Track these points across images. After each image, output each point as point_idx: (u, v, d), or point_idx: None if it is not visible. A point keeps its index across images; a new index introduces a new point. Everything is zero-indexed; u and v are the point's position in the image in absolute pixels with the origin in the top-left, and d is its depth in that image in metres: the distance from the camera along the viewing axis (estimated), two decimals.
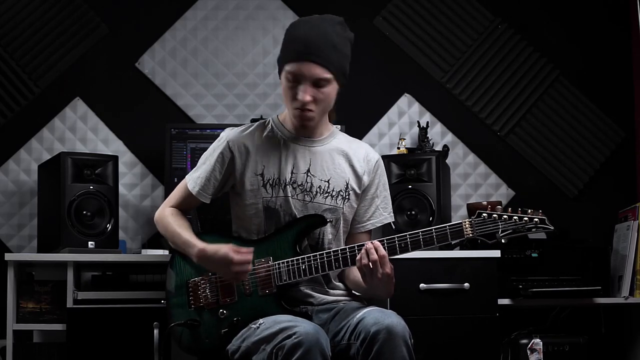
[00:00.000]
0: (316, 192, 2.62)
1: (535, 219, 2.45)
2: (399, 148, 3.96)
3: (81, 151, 3.94)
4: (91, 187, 3.53)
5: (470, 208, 3.88)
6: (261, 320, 2.44)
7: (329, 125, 2.71)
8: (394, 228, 3.38)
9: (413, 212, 3.64)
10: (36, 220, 3.81)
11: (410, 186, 3.66)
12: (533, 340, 3.58)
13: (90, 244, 3.49)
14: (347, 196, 2.65)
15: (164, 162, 3.79)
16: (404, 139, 3.98)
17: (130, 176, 4.02)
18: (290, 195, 2.61)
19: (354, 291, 2.72)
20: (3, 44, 4.02)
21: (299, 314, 2.51)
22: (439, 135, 4.16)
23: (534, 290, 3.59)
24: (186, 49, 4.13)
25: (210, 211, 2.81)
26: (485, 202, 3.83)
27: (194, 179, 2.69)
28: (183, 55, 4.12)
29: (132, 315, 3.34)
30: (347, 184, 2.65)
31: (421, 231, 2.48)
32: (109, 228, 3.55)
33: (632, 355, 3.90)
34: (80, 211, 3.49)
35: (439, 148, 4.05)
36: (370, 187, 2.70)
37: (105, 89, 4.08)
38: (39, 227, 3.74)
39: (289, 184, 2.61)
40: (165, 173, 3.80)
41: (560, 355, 3.58)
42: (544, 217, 2.46)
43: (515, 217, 2.45)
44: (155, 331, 3.15)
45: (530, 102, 4.21)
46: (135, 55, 4.10)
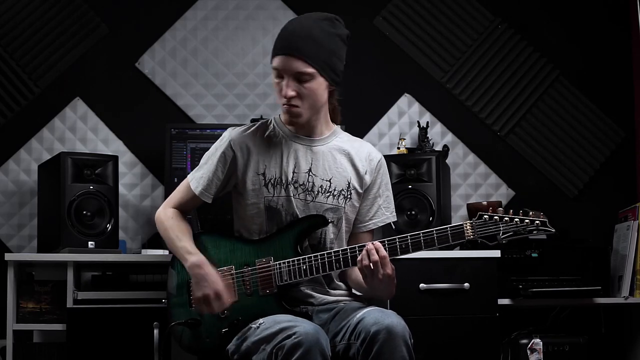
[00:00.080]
0: (318, 192, 2.62)
1: (537, 221, 2.44)
2: (399, 148, 3.96)
3: (81, 151, 3.94)
4: (91, 187, 3.52)
5: (470, 208, 3.88)
6: (261, 320, 2.44)
7: (331, 125, 2.70)
8: (394, 228, 3.39)
9: (413, 212, 3.64)
10: (36, 220, 3.81)
11: (410, 186, 3.66)
12: (533, 340, 3.58)
13: (90, 244, 3.49)
14: (349, 195, 2.64)
15: (164, 162, 3.79)
16: (404, 139, 3.98)
17: (130, 176, 4.02)
18: (292, 194, 2.60)
19: (356, 291, 2.72)
20: (3, 44, 4.02)
21: (299, 314, 2.51)
22: (439, 135, 4.16)
23: (534, 290, 3.59)
24: (186, 49, 4.12)
25: (211, 211, 2.81)
26: (485, 202, 3.83)
27: (196, 179, 2.68)
28: (183, 55, 4.12)
29: (132, 315, 3.34)
30: (349, 183, 2.65)
31: (422, 232, 2.48)
32: (109, 228, 3.54)
33: (632, 355, 3.90)
34: (80, 211, 3.49)
35: (439, 148, 4.05)
36: (373, 187, 2.70)
37: (105, 89, 4.08)
38: (39, 227, 3.73)
39: (291, 184, 2.61)
40: (165, 173, 3.80)
41: (560, 355, 3.58)
42: (545, 220, 2.45)
43: (516, 219, 2.44)
44: (155, 331, 3.15)
45: (530, 102, 4.21)
46: (135, 55, 4.10)
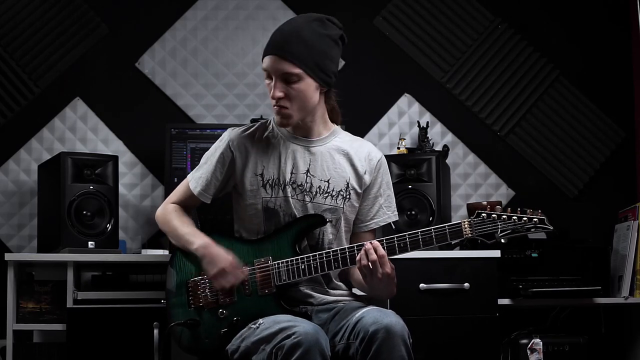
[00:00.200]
0: (316, 192, 2.62)
1: (535, 219, 2.44)
2: (399, 148, 3.95)
3: (81, 151, 3.94)
4: (91, 187, 3.53)
5: (470, 208, 3.88)
6: (260, 320, 2.44)
7: (330, 125, 2.70)
8: (394, 228, 3.38)
9: (413, 212, 3.64)
10: (36, 220, 3.81)
11: (410, 186, 3.66)
12: (533, 340, 3.58)
13: (90, 244, 3.49)
14: (348, 196, 2.64)
15: (164, 162, 3.79)
16: (404, 139, 3.98)
17: (130, 176, 4.02)
18: (290, 195, 2.60)
19: (357, 290, 2.72)
20: (3, 44, 4.02)
21: (299, 314, 2.51)
22: (439, 135, 4.16)
23: (534, 290, 3.59)
24: (186, 49, 4.13)
25: (210, 211, 2.81)
26: (485, 202, 3.83)
27: (195, 179, 2.69)
28: (183, 55, 4.12)
29: (132, 315, 3.34)
30: (348, 184, 2.64)
31: (420, 231, 2.48)
32: (109, 228, 3.55)
33: (632, 355, 3.89)
34: (80, 211, 3.49)
35: (439, 148, 4.05)
36: (373, 186, 2.69)
37: (105, 89, 4.08)
38: (39, 227, 3.73)
39: (289, 185, 2.61)
40: (165, 173, 3.80)
41: (560, 355, 3.58)
42: (544, 217, 2.45)
43: (514, 217, 2.45)
44: (155, 331, 3.15)
45: (530, 102, 4.21)
46: (135, 55, 4.10)
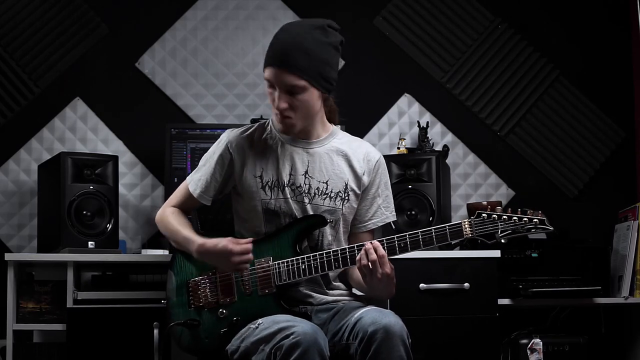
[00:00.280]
0: (314, 194, 2.61)
1: (535, 220, 2.44)
2: (399, 148, 3.95)
3: (81, 151, 3.94)
4: (91, 187, 3.53)
5: (470, 208, 3.88)
6: (260, 321, 2.44)
7: (328, 126, 2.69)
8: (394, 228, 3.38)
9: (413, 212, 3.64)
10: (36, 220, 3.81)
11: (410, 186, 3.66)
12: (533, 340, 3.58)
13: (90, 244, 3.49)
14: (347, 197, 2.64)
15: (164, 162, 3.79)
16: (404, 139, 3.97)
17: (130, 176, 4.02)
18: (289, 197, 2.60)
19: (357, 291, 2.72)
20: (3, 44, 4.02)
21: (299, 314, 2.51)
22: (439, 135, 4.16)
23: (534, 290, 3.59)
24: (186, 49, 4.12)
25: (210, 211, 2.81)
26: (485, 202, 3.83)
27: (195, 181, 2.69)
28: (183, 55, 4.12)
29: (132, 315, 3.34)
30: (346, 185, 2.64)
31: (420, 231, 2.48)
32: (109, 228, 3.55)
33: (632, 355, 3.89)
34: (80, 211, 3.49)
35: (439, 148, 4.05)
36: (371, 187, 2.69)
37: (105, 89, 4.08)
38: (39, 227, 3.73)
39: (288, 186, 2.60)
40: (165, 173, 3.80)
41: (560, 355, 3.58)
42: (544, 218, 2.45)
43: (514, 218, 2.45)
44: (155, 331, 3.15)
45: (530, 102, 4.21)
46: (135, 55, 4.10)
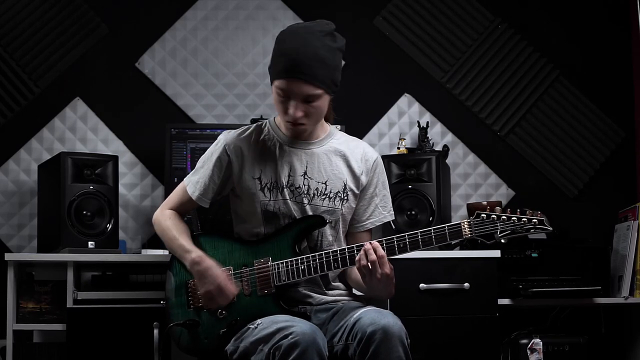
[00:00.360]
0: (314, 195, 2.61)
1: (534, 220, 2.44)
2: (399, 148, 3.95)
3: (81, 151, 3.95)
4: (91, 187, 3.53)
5: (470, 208, 3.88)
6: (259, 321, 2.44)
7: (326, 126, 2.69)
8: (394, 228, 3.39)
9: (413, 212, 3.64)
10: (36, 220, 3.81)
11: (410, 186, 3.66)
12: (533, 340, 3.58)
13: (90, 244, 3.49)
14: (346, 197, 2.64)
15: (164, 162, 3.79)
16: (404, 139, 3.97)
17: (130, 176, 4.02)
18: (288, 198, 2.60)
19: (356, 291, 2.71)
20: (3, 44, 4.02)
21: (298, 314, 2.51)
22: (439, 135, 4.15)
23: (534, 290, 3.59)
24: (186, 49, 4.13)
25: (210, 211, 2.81)
26: (485, 202, 3.83)
27: (193, 183, 2.68)
28: (183, 55, 4.12)
29: (132, 315, 3.34)
30: (345, 185, 2.64)
31: (420, 231, 2.48)
32: (109, 228, 3.55)
33: (632, 355, 3.89)
34: (80, 211, 3.49)
35: (439, 148, 4.05)
36: (369, 187, 2.69)
37: (105, 89, 4.08)
38: (39, 227, 3.74)
39: (287, 187, 2.60)
40: (165, 173, 3.80)
41: (560, 355, 3.58)
42: (543, 218, 2.45)
43: (514, 218, 2.44)
44: (155, 331, 3.15)
45: (530, 102, 4.21)
46: (135, 55, 4.10)
